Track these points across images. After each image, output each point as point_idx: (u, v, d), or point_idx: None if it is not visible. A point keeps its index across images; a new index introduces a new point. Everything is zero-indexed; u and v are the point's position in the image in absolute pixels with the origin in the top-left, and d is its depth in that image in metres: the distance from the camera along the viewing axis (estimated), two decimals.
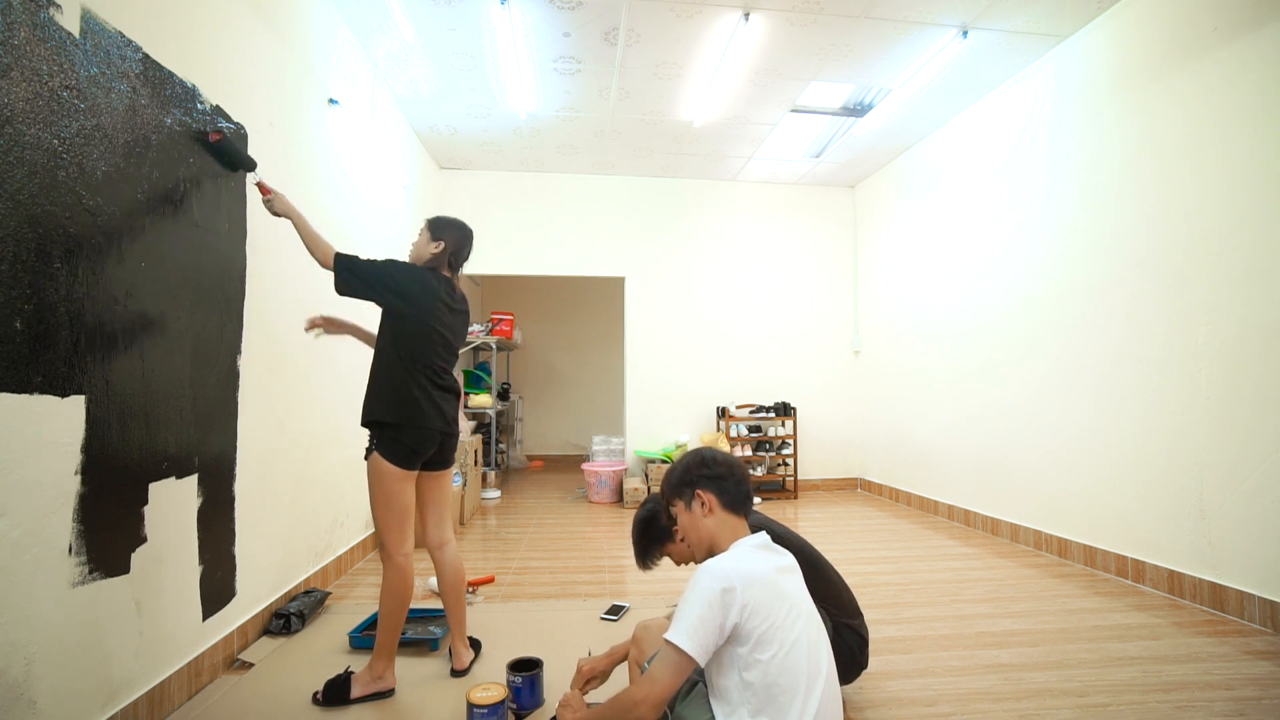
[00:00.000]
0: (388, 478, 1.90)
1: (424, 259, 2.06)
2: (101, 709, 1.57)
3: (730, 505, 1.44)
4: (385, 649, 1.92)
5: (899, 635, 2.39)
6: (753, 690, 1.23)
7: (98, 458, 1.56)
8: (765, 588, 1.28)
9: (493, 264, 5.56)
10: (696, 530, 1.45)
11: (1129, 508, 3.02)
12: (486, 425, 5.81)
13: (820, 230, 5.93)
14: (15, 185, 1.34)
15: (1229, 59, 2.59)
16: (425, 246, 2.07)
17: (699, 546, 1.46)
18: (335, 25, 3.14)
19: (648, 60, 3.67)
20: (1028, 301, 3.69)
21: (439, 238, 2.07)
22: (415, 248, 2.10)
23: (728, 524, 1.44)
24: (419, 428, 1.92)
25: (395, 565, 1.92)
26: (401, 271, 1.98)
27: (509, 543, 3.88)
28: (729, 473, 1.47)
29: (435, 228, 2.09)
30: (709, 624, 1.23)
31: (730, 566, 1.29)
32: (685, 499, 1.47)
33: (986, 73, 3.79)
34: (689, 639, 1.22)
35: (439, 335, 1.99)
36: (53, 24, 1.44)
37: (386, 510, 1.92)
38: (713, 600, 1.24)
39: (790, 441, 5.51)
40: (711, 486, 1.45)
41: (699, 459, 1.50)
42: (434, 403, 1.96)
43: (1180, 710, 1.82)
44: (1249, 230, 2.51)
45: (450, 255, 2.08)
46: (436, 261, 2.06)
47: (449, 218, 2.13)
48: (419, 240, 2.09)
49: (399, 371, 1.92)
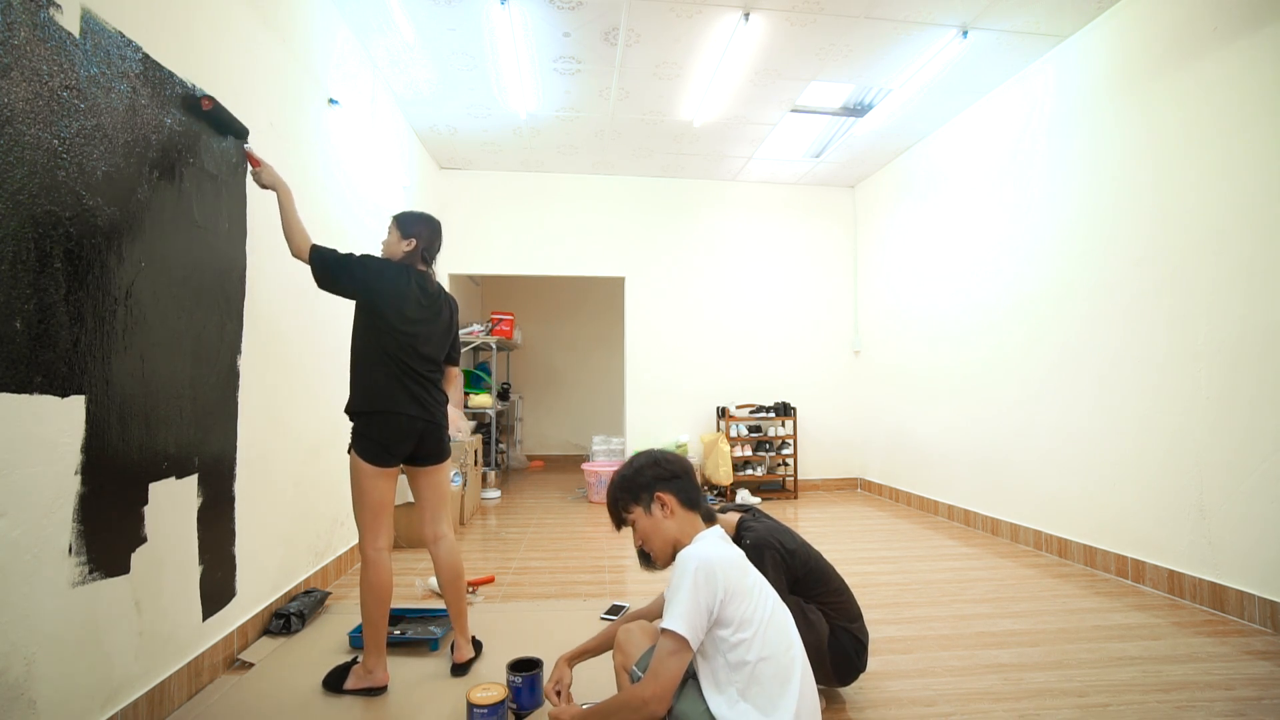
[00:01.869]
0: (360, 474, 1.93)
1: (396, 257, 2.07)
2: (101, 709, 1.57)
3: (689, 503, 1.46)
4: (373, 644, 1.94)
5: (899, 635, 2.39)
6: (739, 670, 1.27)
7: (98, 458, 1.56)
8: (738, 571, 1.34)
9: (493, 264, 5.56)
10: (660, 533, 1.45)
11: (1129, 508, 3.02)
12: (486, 425, 5.81)
13: (820, 230, 5.93)
14: (15, 185, 1.34)
15: (1229, 59, 2.59)
16: (396, 245, 2.07)
17: (663, 549, 1.46)
18: (335, 25, 3.14)
19: (648, 60, 3.67)
20: (1028, 301, 3.69)
21: (410, 235, 2.07)
22: (386, 246, 2.10)
23: (688, 521, 1.45)
24: (390, 414, 1.94)
25: (368, 560, 1.94)
26: (372, 266, 1.99)
27: (509, 543, 3.88)
28: (683, 470, 1.48)
29: (404, 225, 2.08)
30: (699, 608, 1.27)
31: (708, 553, 1.33)
32: (644, 503, 1.46)
33: (986, 73, 3.79)
34: (685, 624, 1.26)
35: (411, 328, 1.99)
36: (53, 24, 1.44)
37: (359, 506, 1.95)
38: (699, 584, 1.28)
39: (790, 441, 5.51)
40: (670, 487, 1.45)
41: (651, 460, 1.49)
42: (406, 390, 1.97)
43: (1180, 710, 1.82)
44: (1249, 230, 2.51)
45: (422, 250, 2.08)
46: (410, 259, 2.07)
47: (416, 213, 2.12)
48: (389, 239, 2.09)
49: (368, 361, 1.96)
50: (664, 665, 1.26)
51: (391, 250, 2.08)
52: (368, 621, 1.93)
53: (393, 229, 2.09)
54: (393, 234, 2.09)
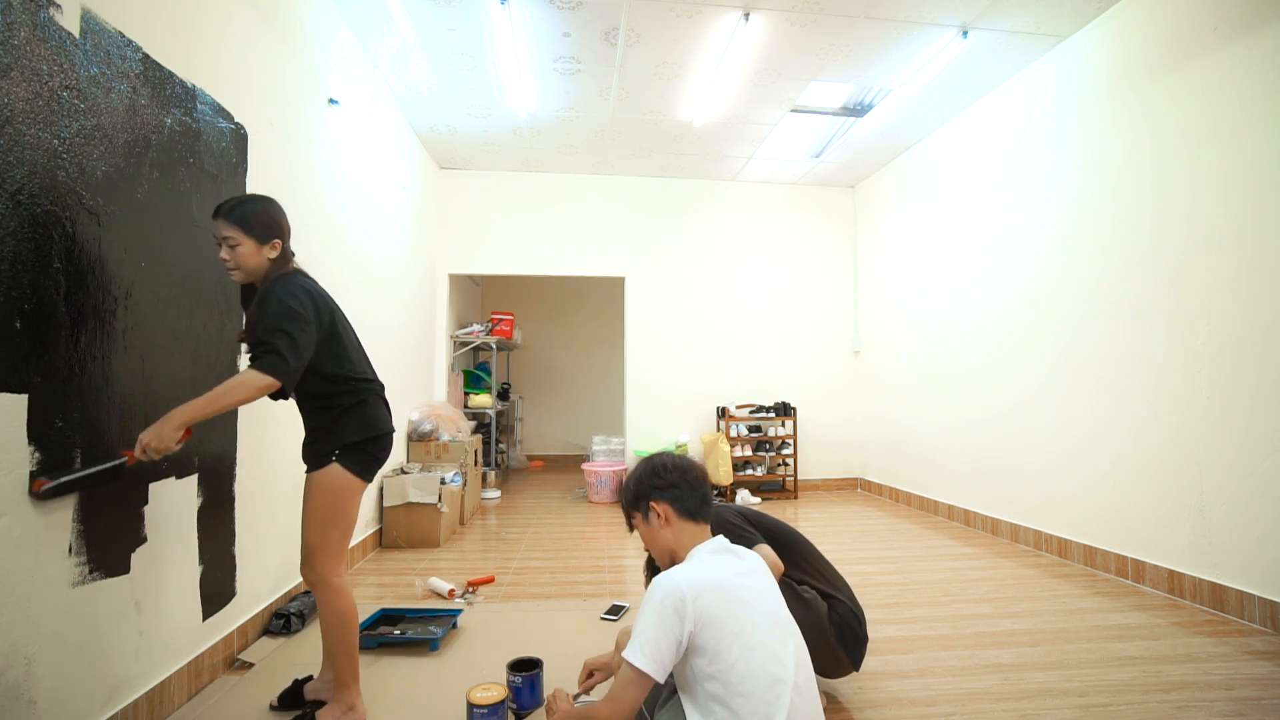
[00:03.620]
0: (349, 491, 1.73)
1: (265, 270, 1.66)
2: (101, 709, 1.57)
3: (687, 513, 1.42)
4: (350, 677, 1.73)
5: (899, 635, 2.39)
6: (718, 701, 1.21)
7: (97, 457, 1.56)
8: (719, 595, 1.25)
9: (493, 264, 5.56)
10: (656, 542, 1.44)
11: (1129, 508, 3.02)
12: (486, 425, 5.81)
13: (820, 230, 5.93)
14: (15, 185, 1.34)
15: (1229, 59, 2.59)
16: (259, 255, 1.64)
17: (661, 558, 1.45)
18: (335, 25, 3.14)
19: (648, 60, 3.67)
20: (1028, 301, 3.69)
21: (270, 237, 1.66)
22: (245, 262, 1.63)
23: (686, 531, 1.42)
24: (387, 434, 1.82)
25: (335, 588, 1.72)
26: (298, 320, 1.59)
27: (509, 543, 3.88)
28: (681, 479, 1.44)
29: (256, 228, 1.63)
30: (664, 639, 1.22)
31: (683, 579, 1.26)
32: (642, 511, 1.46)
33: (986, 73, 3.79)
34: (643, 657, 1.21)
35: (348, 332, 1.80)
36: (53, 24, 1.44)
37: (336, 527, 1.72)
38: (665, 614, 1.22)
39: (790, 441, 5.50)
40: (665, 497, 1.42)
41: (650, 469, 1.47)
42: (385, 406, 1.85)
43: (1180, 710, 1.82)
44: (1249, 230, 2.51)
45: (287, 244, 1.72)
46: (284, 265, 1.68)
47: (252, 206, 1.66)
48: (243, 251, 1.62)
49: (350, 393, 1.74)
50: (624, 693, 1.24)
51: (253, 265, 1.64)
52: (341, 654, 1.71)
53: (241, 239, 1.61)
54: (246, 245, 1.62)
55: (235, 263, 1.63)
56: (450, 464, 4.19)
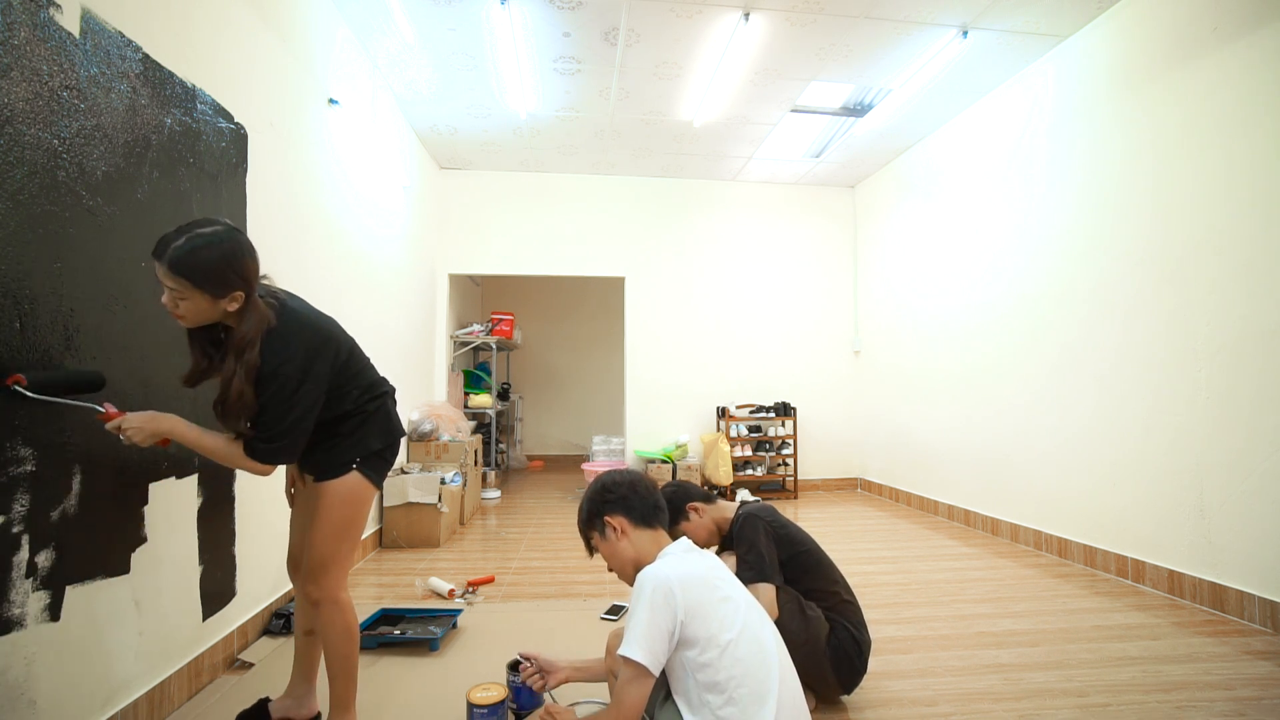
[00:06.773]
0: (365, 500, 1.64)
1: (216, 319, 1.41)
2: (101, 709, 1.57)
3: (642, 521, 1.47)
4: (349, 699, 1.63)
5: (899, 635, 2.39)
6: (711, 690, 1.24)
7: (98, 457, 1.56)
8: (703, 586, 1.30)
9: (492, 264, 5.56)
10: (618, 556, 1.47)
11: (1129, 508, 3.02)
12: (486, 425, 5.81)
13: (820, 230, 5.93)
14: (15, 185, 1.34)
15: (1229, 59, 2.59)
16: (213, 309, 1.37)
17: (623, 570, 1.47)
18: (335, 25, 3.14)
19: (648, 60, 3.67)
20: (1028, 301, 3.69)
21: (229, 290, 1.35)
22: (196, 317, 1.38)
23: (644, 539, 1.46)
24: (398, 439, 1.76)
25: (341, 604, 1.61)
26: (309, 412, 1.48)
27: (509, 543, 3.88)
28: (631, 491, 1.49)
29: (208, 283, 1.33)
30: (658, 630, 1.24)
31: (668, 571, 1.30)
32: (599, 529, 1.49)
33: (986, 73, 3.79)
34: (641, 649, 1.23)
35: (357, 350, 1.70)
36: (53, 24, 1.44)
37: (347, 538, 1.62)
38: (657, 604, 1.25)
39: (790, 441, 5.51)
40: (618, 509, 1.47)
41: (599, 486, 1.53)
42: (395, 409, 1.78)
43: (1180, 710, 1.82)
44: (1249, 230, 2.51)
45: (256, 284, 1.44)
46: (258, 312, 1.40)
47: (204, 255, 1.33)
48: (192, 307, 1.35)
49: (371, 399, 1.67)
50: (625, 693, 1.24)
51: (206, 318, 1.39)
52: (342, 675, 1.61)
53: (186, 291, 1.32)
54: (192, 298, 1.33)
55: (183, 314, 1.37)
56: (450, 464, 4.19)
